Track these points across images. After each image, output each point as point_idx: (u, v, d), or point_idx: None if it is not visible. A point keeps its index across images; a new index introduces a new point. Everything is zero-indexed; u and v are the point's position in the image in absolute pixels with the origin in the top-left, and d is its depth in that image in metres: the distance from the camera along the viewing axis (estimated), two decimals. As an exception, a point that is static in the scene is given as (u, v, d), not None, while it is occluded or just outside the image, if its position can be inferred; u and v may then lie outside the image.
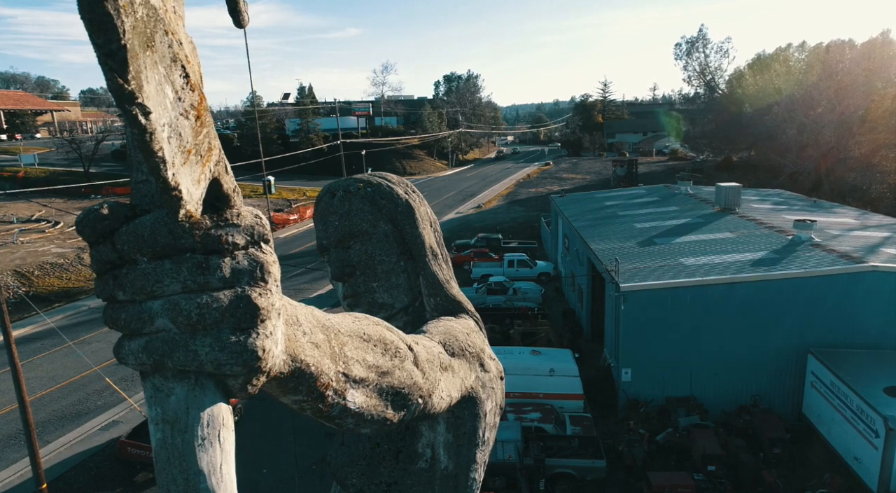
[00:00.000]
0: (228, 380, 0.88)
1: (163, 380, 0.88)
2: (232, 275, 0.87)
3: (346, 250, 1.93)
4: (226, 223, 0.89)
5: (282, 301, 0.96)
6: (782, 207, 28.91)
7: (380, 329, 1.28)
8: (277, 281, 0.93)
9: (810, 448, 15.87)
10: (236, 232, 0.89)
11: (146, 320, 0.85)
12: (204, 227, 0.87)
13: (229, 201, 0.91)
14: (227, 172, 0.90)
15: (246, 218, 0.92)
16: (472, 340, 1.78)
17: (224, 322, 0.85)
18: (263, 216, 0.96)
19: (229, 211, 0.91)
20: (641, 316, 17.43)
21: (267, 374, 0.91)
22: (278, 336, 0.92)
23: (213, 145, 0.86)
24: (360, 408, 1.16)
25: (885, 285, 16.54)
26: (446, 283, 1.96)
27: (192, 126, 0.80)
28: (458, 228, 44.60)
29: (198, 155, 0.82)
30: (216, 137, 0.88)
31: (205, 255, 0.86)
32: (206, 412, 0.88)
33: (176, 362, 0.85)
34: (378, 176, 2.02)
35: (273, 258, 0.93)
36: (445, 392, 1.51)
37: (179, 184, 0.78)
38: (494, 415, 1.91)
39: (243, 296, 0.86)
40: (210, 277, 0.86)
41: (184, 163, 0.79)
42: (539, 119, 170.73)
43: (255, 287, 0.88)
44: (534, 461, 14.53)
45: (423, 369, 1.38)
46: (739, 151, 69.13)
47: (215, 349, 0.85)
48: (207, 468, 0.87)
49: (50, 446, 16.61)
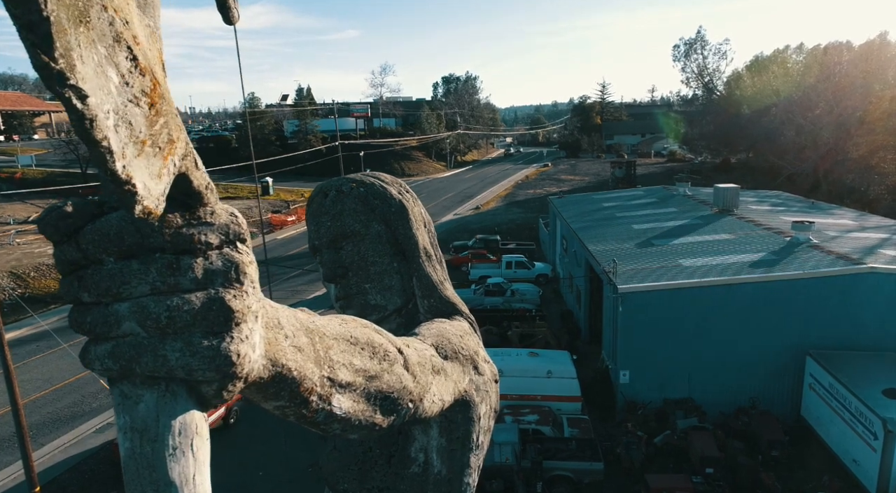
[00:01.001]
0: (202, 386, 0.83)
1: (131, 387, 0.83)
2: (204, 276, 0.82)
3: (338, 250, 1.89)
4: (198, 222, 0.84)
5: (260, 303, 0.90)
6: (780, 209, 28.91)
7: (368, 332, 1.24)
8: (255, 282, 0.88)
9: (809, 451, 15.82)
10: (210, 231, 0.84)
11: (112, 324, 0.80)
12: (175, 225, 0.82)
13: (202, 199, 0.86)
14: (196, 167, 0.85)
15: (220, 216, 0.87)
16: (466, 342, 1.73)
17: (196, 326, 0.80)
18: (239, 215, 0.90)
19: (202, 209, 0.86)
20: (639, 318, 17.38)
21: (244, 379, 0.86)
22: (255, 340, 0.87)
23: (177, 137, 0.79)
24: (347, 413, 1.12)
25: (883, 287, 16.51)
26: (440, 284, 1.93)
27: (146, 115, 0.73)
28: (456, 229, 44.57)
29: (155, 147, 0.75)
30: (181, 129, 0.81)
31: (175, 255, 0.82)
32: (178, 420, 0.83)
33: (144, 368, 0.80)
34: (371, 176, 1.98)
35: (250, 258, 0.88)
36: (437, 396, 1.47)
37: (132, 177, 0.71)
38: (489, 419, 1.86)
39: (216, 298, 0.82)
40: (181, 278, 0.81)
41: (137, 155, 0.72)
42: (537, 121, 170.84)
43: (230, 289, 0.83)
44: (531, 464, 14.46)
45: (414, 373, 1.33)
46: (738, 152, 69.24)
47: (186, 354, 0.80)
48: (179, 478, 0.82)
49: (44, 448, 16.51)
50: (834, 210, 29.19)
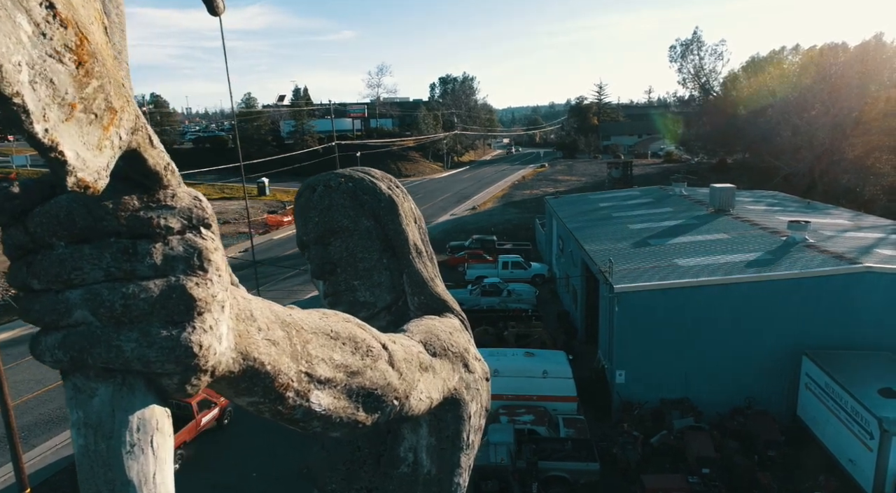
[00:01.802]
0: (162, 380, 0.78)
1: (84, 380, 0.77)
2: (164, 262, 0.77)
3: (326, 246, 1.86)
4: (158, 205, 0.79)
5: (228, 293, 0.85)
6: (776, 209, 28.94)
7: (350, 327, 1.19)
8: (220, 270, 0.82)
9: (805, 450, 15.80)
10: (170, 214, 0.79)
11: (63, 312, 0.75)
12: (131, 208, 0.77)
13: (161, 180, 0.80)
14: (152, 144, 0.78)
15: (182, 199, 0.81)
16: (456, 339, 1.70)
17: (154, 315, 0.75)
18: (204, 199, 0.85)
19: (162, 191, 0.80)
20: (635, 317, 17.34)
21: (209, 373, 0.80)
22: (222, 331, 0.81)
23: (120, 107, 0.72)
24: (327, 410, 1.07)
25: (878, 286, 16.51)
26: (431, 281, 1.89)
27: (72, 74, 0.65)
28: (453, 229, 44.53)
29: (89, 113, 0.68)
30: (128, 100, 0.74)
31: (132, 239, 0.76)
32: (136, 416, 0.77)
33: (97, 360, 0.74)
34: (360, 171, 1.95)
35: (215, 245, 0.82)
36: (425, 394, 1.43)
37: (58, 143, 0.64)
38: (479, 417, 1.83)
39: (177, 285, 0.76)
40: (138, 264, 0.75)
41: (65, 119, 0.65)
42: (534, 122, 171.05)
43: (192, 276, 0.78)
44: (526, 464, 14.40)
45: (400, 370, 1.29)
46: (734, 153, 69.42)
47: (143, 345, 0.74)
48: (138, 477, 0.76)
49: (36, 450, 16.40)
50: (830, 210, 29.25)
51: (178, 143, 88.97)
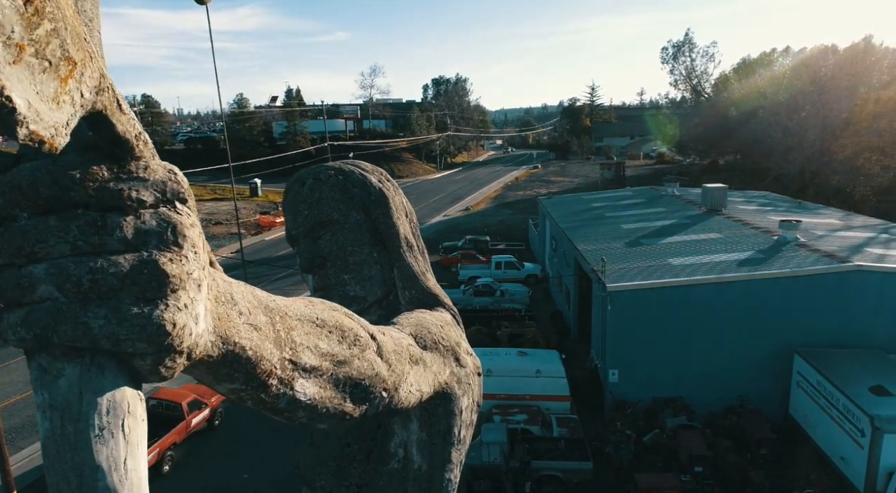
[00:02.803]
0: (134, 360, 0.73)
1: (50, 359, 0.72)
2: (135, 236, 0.72)
3: (315, 240, 1.83)
4: (129, 176, 0.74)
5: (205, 272, 0.80)
6: (768, 209, 29.11)
7: (337, 315, 1.15)
8: (196, 247, 0.78)
9: (797, 448, 15.86)
10: (142, 187, 0.74)
11: (26, 287, 0.69)
12: (100, 178, 0.72)
13: (132, 150, 0.75)
14: (121, 110, 0.73)
15: (156, 172, 0.77)
16: (447, 333, 1.67)
17: (124, 291, 0.70)
18: (179, 172, 0.80)
19: (134, 162, 0.75)
20: (628, 316, 17.37)
21: (186, 355, 0.76)
22: (199, 311, 0.77)
23: (80, 60, 0.66)
24: (313, 400, 1.03)
25: (869, 285, 16.61)
26: (422, 275, 1.87)
27: (19, 10, 0.58)
28: (446, 230, 44.52)
29: (42, 59, 0.61)
30: (90, 55, 0.68)
31: (101, 212, 0.71)
32: (105, 398, 0.72)
33: (63, 338, 0.69)
34: (350, 163, 1.92)
35: (191, 220, 0.78)
36: (415, 386, 1.40)
37: (4, 86, 0.58)
38: (471, 412, 1.80)
39: (148, 260, 0.72)
40: (107, 237, 0.71)
41: (13, 62, 0.59)
42: (527, 123, 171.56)
43: (165, 251, 0.73)
44: (519, 464, 14.37)
45: (389, 361, 1.26)
46: (725, 154, 69.86)
47: (112, 322, 0.69)
48: (107, 462, 0.71)
49: (23, 452, 16.20)
50: (820, 210, 29.45)
51: (169, 143, 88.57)
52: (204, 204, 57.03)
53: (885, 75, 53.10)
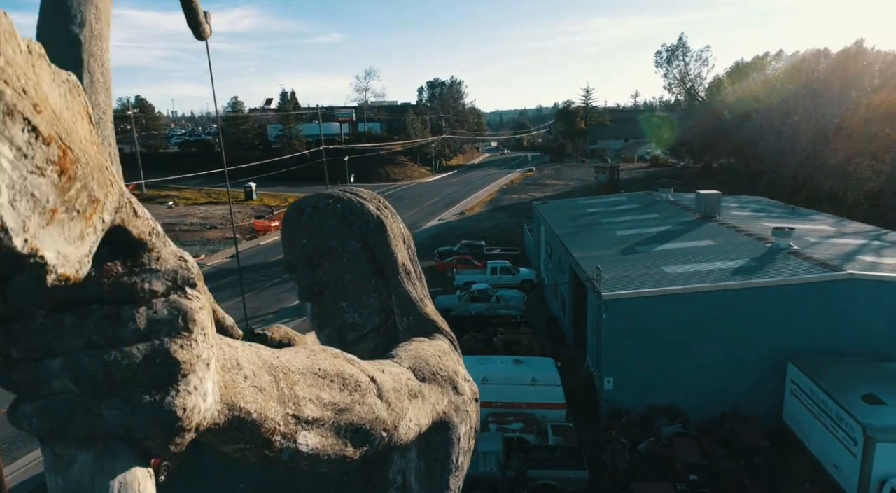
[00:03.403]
0: (145, 442, 0.76)
1: (64, 447, 0.74)
2: (148, 326, 0.75)
3: (314, 269, 1.85)
4: (142, 269, 0.78)
5: (214, 348, 0.83)
6: (761, 215, 29.27)
7: (338, 362, 1.19)
8: (206, 329, 0.81)
9: (791, 456, 15.95)
10: (154, 278, 0.78)
11: (42, 381, 0.72)
12: (114, 274, 0.75)
13: (146, 245, 0.79)
14: (136, 215, 0.77)
15: (168, 261, 0.80)
16: (445, 363, 1.70)
17: (137, 380, 0.73)
18: (189, 257, 0.84)
19: (147, 254, 0.79)
20: (623, 324, 17.43)
21: (194, 430, 0.79)
22: (207, 388, 0.80)
23: (104, 195, 0.70)
24: (315, 449, 1.07)
25: (861, 293, 16.73)
26: (420, 301, 1.90)
27: (55, 183, 0.64)
28: (441, 234, 44.53)
29: (71, 212, 0.66)
30: (111, 183, 0.72)
31: (116, 305, 0.75)
32: (117, 481, 0.75)
33: (78, 428, 0.72)
34: (349, 191, 1.95)
35: (200, 304, 0.80)
36: (414, 422, 1.44)
37: (39, 249, 0.63)
38: (469, 439, 1.83)
39: (161, 349, 0.75)
40: (121, 330, 0.74)
41: (46, 224, 0.63)
42: (522, 125, 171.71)
43: (177, 338, 0.76)
44: (515, 474, 14.40)
45: (388, 400, 1.29)
46: (719, 157, 70.14)
47: (125, 412, 0.73)
48: None
49: (18, 462, 16.14)
50: (813, 216, 29.62)
51: (164, 147, 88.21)
52: (199, 208, 56.88)
53: (876, 79, 53.45)
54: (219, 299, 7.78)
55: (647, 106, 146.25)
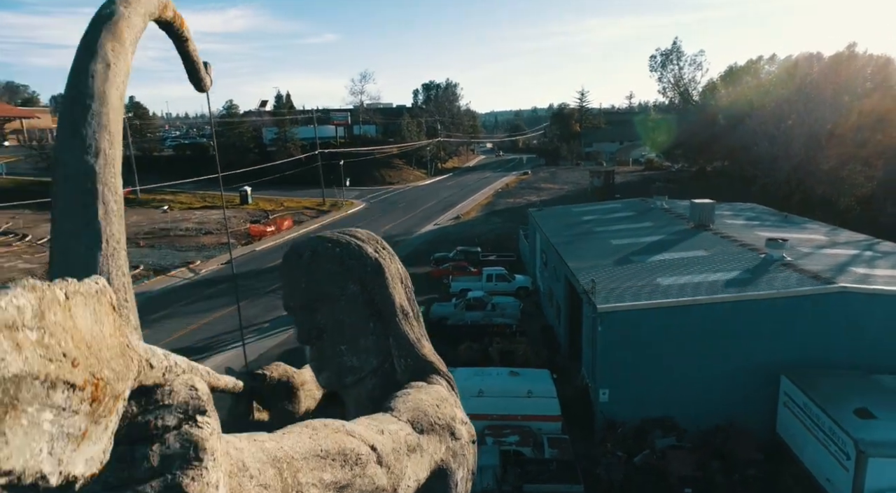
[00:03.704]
0: None
1: None
2: (161, 463, 0.79)
3: (313, 312, 1.87)
4: (155, 405, 0.82)
5: (222, 466, 0.87)
6: (755, 223, 29.43)
7: (339, 438, 1.24)
8: (215, 452, 0.85)
9: (784, 469, 16.08)
10: (167, 413, 0.82)
11: None
12: (129, 415, 0.79)
13: (160, 385, 0.84)
14: (151, 368, 0.80)
15: (179, 394, 0.84)
16: (443, 411, 1.73)
17: None
18: (199, 384, 0.87)
19: (160, 390, 0.83)
20: (618, 337, 17.53)
21: None
22: None
23: (123, 387, 0.73)
24: None
25: (854, 306, 16.88)
26: (417, 342, 1.93)
27: (87, 412, 0.66)
28: (437, 240, 44.55)
29: (99, 423, 0.70)
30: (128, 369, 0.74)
31: (130, 445, 0.78)
32: None
33: None
34: (347, 234, 1.97)
35: (209, 430, 0.85)
36: (413, 478, 1.48)
37: (72, 472, 0.66)
38: (466, 482, 1.85)
39: (173, 485, 0.79)
40: (135, 471, 0.78)
41: (76, 448, 0.66)
42: (517, 127, 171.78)
43: (188, 470, 0.80)
44: (511, 488, 14.47)
45: (388, 465, 1.34)
46: (713, 161, 70.46)
47: None
48: None
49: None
50: (806, 224, 29.79)
51: (158, 150, 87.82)
52: (194, 212, 56.66)
53: (868, 82, 53.83)
54: (214, 307, 7.96)
55: (642, 108, 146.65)
